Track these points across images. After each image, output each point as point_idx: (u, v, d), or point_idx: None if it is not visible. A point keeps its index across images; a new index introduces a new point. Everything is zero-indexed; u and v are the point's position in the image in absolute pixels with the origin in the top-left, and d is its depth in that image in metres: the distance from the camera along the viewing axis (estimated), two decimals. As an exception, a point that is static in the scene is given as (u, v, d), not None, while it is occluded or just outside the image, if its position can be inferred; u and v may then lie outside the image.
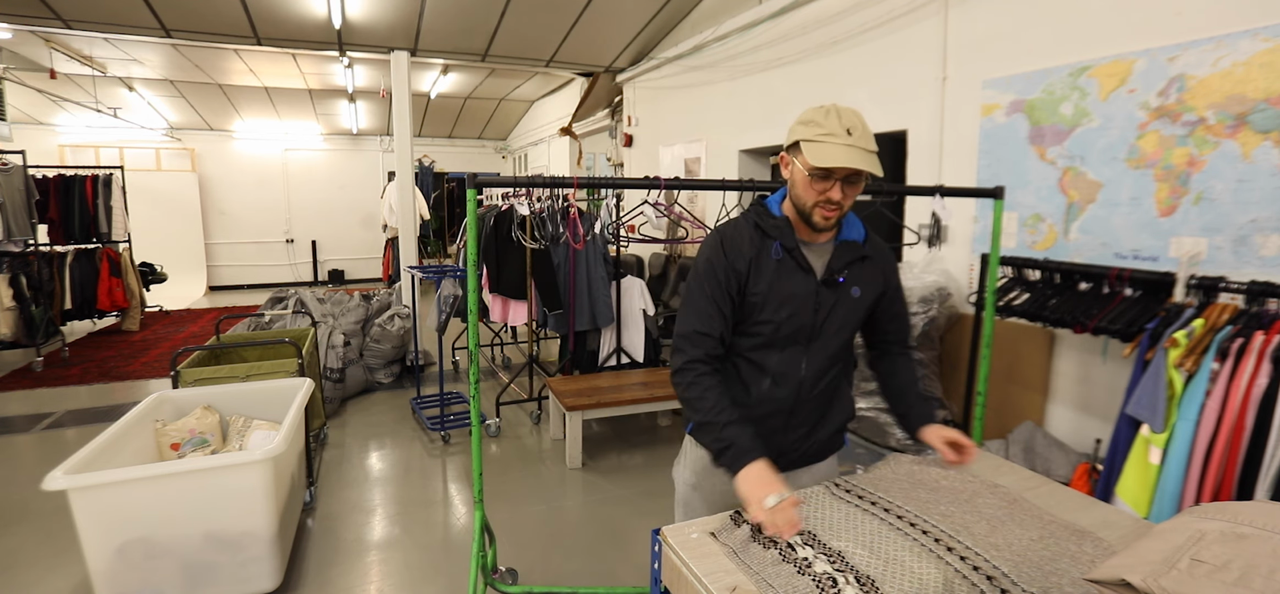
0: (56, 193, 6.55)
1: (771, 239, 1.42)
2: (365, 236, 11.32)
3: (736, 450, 1.29)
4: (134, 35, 5.34)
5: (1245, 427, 1.72)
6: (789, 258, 1.41)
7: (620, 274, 4.58)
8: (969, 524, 1.20)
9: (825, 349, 1.46)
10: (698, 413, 1.37)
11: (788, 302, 1.41)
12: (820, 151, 1.29)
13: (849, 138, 1.28)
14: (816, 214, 1.36)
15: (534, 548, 2.86)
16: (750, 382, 1.46)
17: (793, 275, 1.41)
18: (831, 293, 1.43)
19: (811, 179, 1.32)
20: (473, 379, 1.99)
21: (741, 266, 1.41)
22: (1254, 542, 1.03)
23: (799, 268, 1.41)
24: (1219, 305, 1.95)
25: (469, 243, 1.90)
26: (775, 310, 1.41)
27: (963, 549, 1.11)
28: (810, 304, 1.42)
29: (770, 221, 1.44)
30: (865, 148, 1.29)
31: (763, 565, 1.10)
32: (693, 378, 1.39)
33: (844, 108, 1.32)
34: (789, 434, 1.50)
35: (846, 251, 1.45)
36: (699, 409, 1.37)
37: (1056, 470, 2.49)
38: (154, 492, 2.17)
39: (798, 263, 1.41)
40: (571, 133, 8.33)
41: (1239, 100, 2.11)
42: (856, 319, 1.49)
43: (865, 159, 1.28)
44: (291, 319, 4.80)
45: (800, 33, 4.15)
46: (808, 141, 1.31)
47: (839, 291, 1.44)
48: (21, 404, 4.75)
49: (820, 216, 1.36)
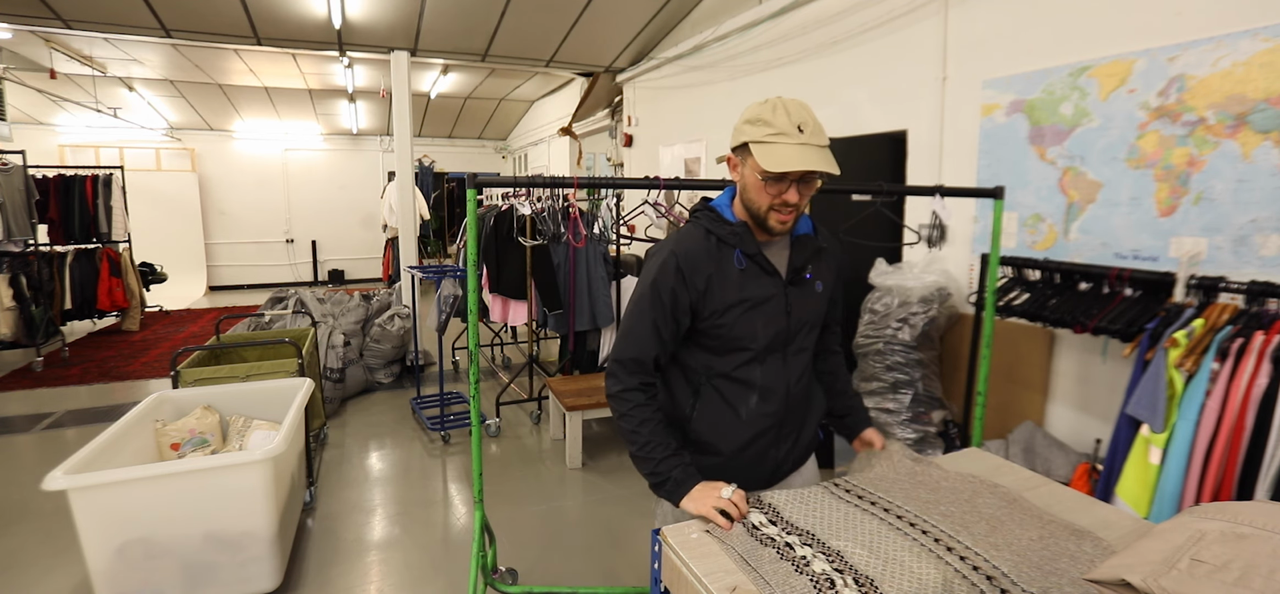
0: (56, 193, 6.55)
1: (730, 247, 1.33)
2: (365, 236, 11.32)
3: (673, 482, 1.28)
4: (134, 35, 5.34)
5: (1245, 427, 1.72)
6: (752, 264, 1.34)
7: (620, 274, 4.58)
8: (969, 524, 1.20)
9: (801, 350, 1.42)
10: (633, 444, 1.33)
11: (759, 309, 1.34)
12: (772, 154, 1.20)
13: (801, 136, 1.20)
14: (772, 218, 1.28)
15: (534, 548, 2.85)
16: (736, 402, 1.39)
17: (758, 280, 1.35)
18: (798, 291, 1.38)
19: (764, 183, 1.24)
20: (473, 379, 1.99)
21: (698, 284, 1.32)
22: (1254, 542, 1.03)
23: (764, 272, 1.35)
24: (1219, 305, 1.95)
25: (469, 243, 1.90)
26: (749, 322, 1.34)
27: (962, 549, 1.11)
28: (781, 307, 1.36)
29: (726, 228, 1.34)
30: (818, 144, 1.22)
31: (761, 564, 1.10)
32: (629, 408, 1.33)
33: (791, 101, 1.24)
34: (780, 447, 1.45)
35: (805, 246, 1.39)
36: (635, 440, 1.33)
37: (1056, 470, 2.49)
38: (154, 492, 2.17)
39: (762, 267, 1.35)
40: (571, 133, 8.33)
41: (1239, 100, 2.11)
42: (821, 313, 1.45)
43: (820, 158, 1.21)
44: (291, 319, 4.80)
45: (800, 33, 4.15)
46: (757, 143, 1.23)
47: (804, 287, 1.39)
48: (21, 404, 4.75)
49: (776, 221, 1.28)
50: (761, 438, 1.42)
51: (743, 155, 1.29)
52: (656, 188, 2.20)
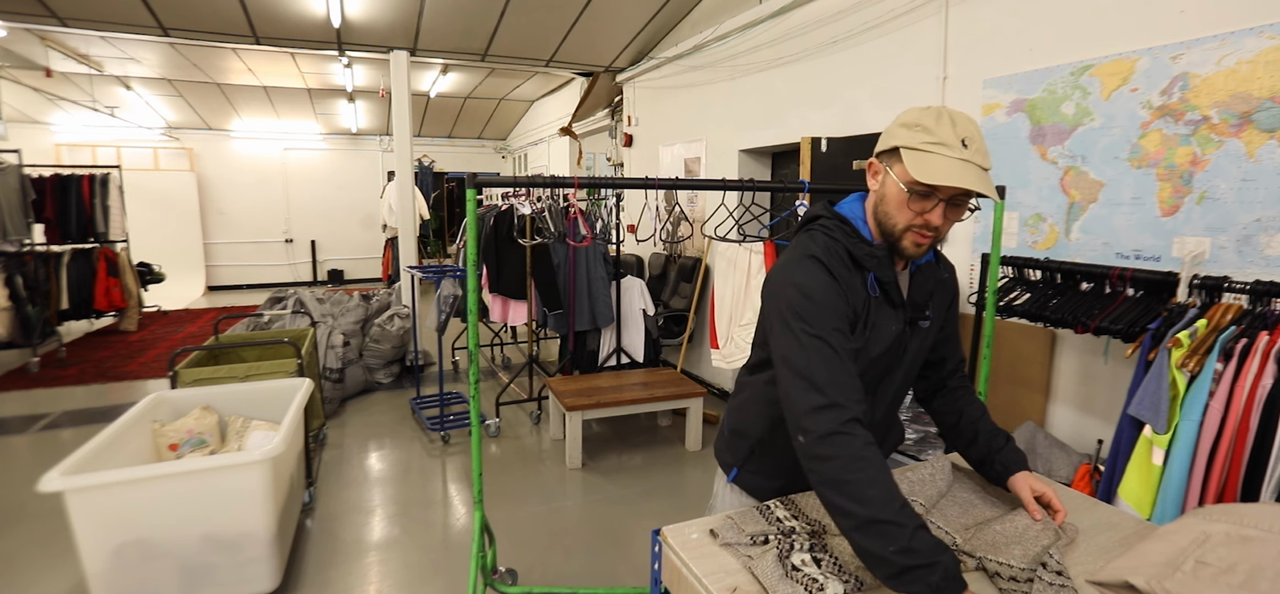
0: (53, 192, 6.52)
1: (865, 270, 1.16)
2: (365, 236, 11.30)
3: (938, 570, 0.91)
4: (131, 34, 5.32)
5: (1250, 428, 1.71)
6: (883, 294, 1.18)
7: (620, 274, 4.57)
8: (995, 541, 1.16)
9: (896, 386, 1.29)
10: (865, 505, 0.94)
11: (878, 345, 1.18)
12: (928, 165, 1.04)
13: (965, 151, 1.04)
14: (907, 239, 1.12)
15: (534, 548, 2.84)
16: None
17: (885, 314, 1.18)
18: (913, 330, 1.24)
19: (910, 197, 1.08)
20: (472, 379, 1.98)
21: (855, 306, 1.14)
22: (1260, 544, 1.02)
23: (891, 304, 1.19)
24: (1223, 305, 1.94)
25: (469, 243, 1.89)
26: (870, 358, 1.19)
27: (979, 558, 1.10)
28: (899, 345, 1.22)
29: (863, 248, 1.16)
30: (981, 165, 1.05)
31: (760, 561, 1.10)
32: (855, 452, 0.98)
33: (959, 113, 1.07)
34: None
35: (926, 278, 1.24)
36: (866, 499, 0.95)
37: (1058, 471, 2.48)
38: (151, 493, 2.15)
39: (890, 299, 1.19)
40: (571, 133, 8.32)
41: (1244, 98, 2.10)
42: (926, 350, 1.31)
43: (980, 180, 1.04)
44: (291, 319, 4.79)
45: (800, 32, 4.14)
46: (911, 150, 1.06)
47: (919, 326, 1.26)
48: (17, 405, 4.74)
49: (912, 244, 1.12)
50: None
51: (889, 161, 1.12)
52: (656, 188, 2.19)
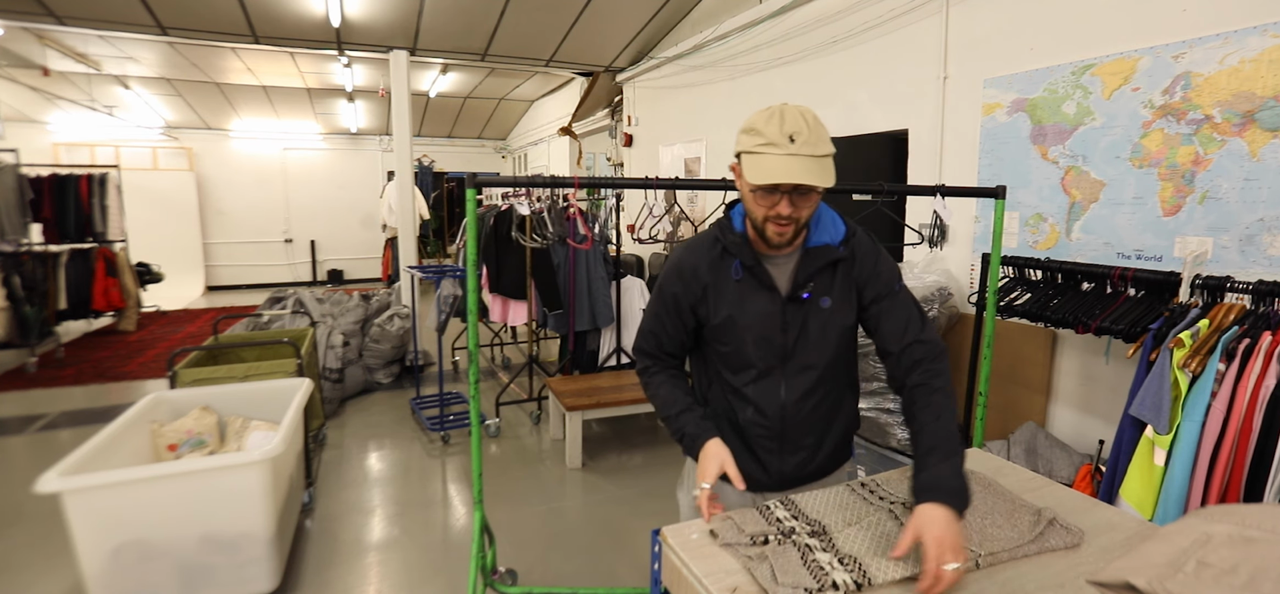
0: (51, 192, 6.50)
1: (732, 256, 1.31)
2: (364, 236, 11.29)
3: (689, 438, 1.34)
4: (129, 33, 5.31)
5: (1253, 428, 1.70)
6: (749, 276, 1.30)
7: (620, 274, 4.57)
8: (989, 533, 1.18)
9: (805, 371, 1.34)
10: (657, 409, 1.42)
11: (752, 325, 1.31)
12: (758, 166, 1.16)
13: (791, 147, 1.13)
14: (769, 229, 1.23)
15: (534, 548, 2.84)
16: (736, 408, 1.39)
17: (755, 295, 1.31)
18: (798, 309, 1.31)
19: (755, 194, 1.21)
20: (472, 379, 1.97)
21: (696, 291, 1.34)
22: (1263, 546, 1.02)
23: (761, 286, 1.30)
24: (1225, 305, 1.93)
25: (469, 243, 1.89)
26: (740, 336, 1.32)
27: None
28: (777, 324, 1.31)
29: (730, 237, 1.32)
30: (811, 154, 1.14)
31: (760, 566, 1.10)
32: (646, 378, 1.45)
33: (791, 109, 1.17)
34: (785, 459, 1.40)
35: (815, 259, 1.30)
36: (655, 404, 1.42)
37: (1059, 472, 2.47)
38: (150, 493, 2.14)
39: (759, 281, 1.30)
40: (571, 132, 8.31)
41: (1246, 97, 2.09)
42: (836, 333, 1.34)
43: (808, 170, 1.13)
44: (290, 319, 4.78)
45: (800, 32, 4.14)
46: (747, 153, 1.18)
47: (806, 307, 1.31)
48: (15, 405, 4.72)
49: (773, 232, 1.23)
50: (761, 444, 1.40)
51: (739, 164, 1.25)
52: (656, 188, 2.18)
